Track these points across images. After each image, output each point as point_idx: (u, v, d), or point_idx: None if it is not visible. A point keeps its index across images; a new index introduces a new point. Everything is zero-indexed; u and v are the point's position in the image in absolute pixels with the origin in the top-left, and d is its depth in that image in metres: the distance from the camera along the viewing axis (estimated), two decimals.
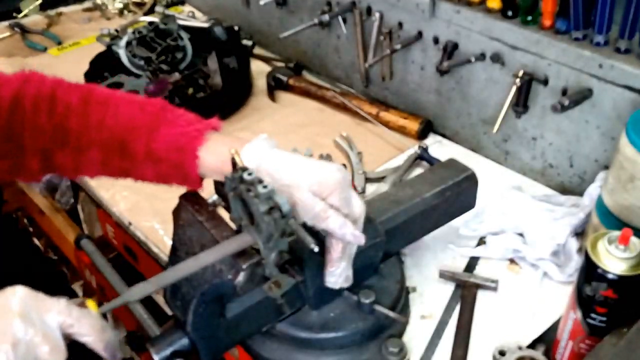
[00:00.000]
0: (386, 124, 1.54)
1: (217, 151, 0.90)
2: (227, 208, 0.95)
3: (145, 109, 0.95)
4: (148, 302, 1.31)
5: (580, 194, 1.21)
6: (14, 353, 0.66)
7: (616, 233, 0.84)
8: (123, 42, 1.65)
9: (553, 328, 1.03)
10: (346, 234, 0.86)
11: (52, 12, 2.17)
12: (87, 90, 0.97)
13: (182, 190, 1.05)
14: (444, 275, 1.13)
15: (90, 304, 0.77)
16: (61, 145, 0.95)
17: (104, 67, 1.70)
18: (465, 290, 1.11)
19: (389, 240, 1.02)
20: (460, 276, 1.13)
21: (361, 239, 0.88)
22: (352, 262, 0.92)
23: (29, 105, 0.94)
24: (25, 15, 2.20)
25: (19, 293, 0.70)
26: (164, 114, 0.94)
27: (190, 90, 1.63)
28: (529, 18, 1.24)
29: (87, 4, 2.25)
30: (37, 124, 0.94)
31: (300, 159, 0.88)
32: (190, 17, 2.09)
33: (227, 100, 1.64)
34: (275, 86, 1.73)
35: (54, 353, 0.69)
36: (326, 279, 0.93)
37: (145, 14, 2.15)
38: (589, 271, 0.85)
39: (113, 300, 0.81)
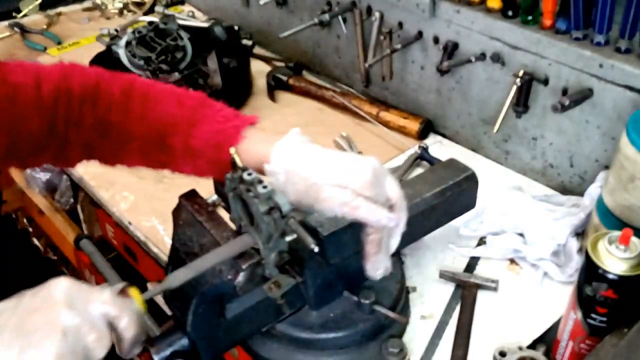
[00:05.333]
0: (386, 124, 1.54)
1: (252, 150, 0.91)
2: (227, 208, 0.94)
3: (185, 103, 0.95)
4: (148, 302, 1.31)
5: (581, 194, 1.21)
6: (65, 342, 0.67)
7: (617, 233, 0.84)
8: (123, 42, 1.65)
9: (553, 328, 1.02)
10: (381, 219, 0.85)
11: (51, 12, 2.17)
12: (129, 82, 0.97)
13: (182, 190, 1.05)
14: (444, 276, 1.13)
15: (133, 292, 0.78)
16: (102, 138, 0.96)
17: (103, 66, 1.69)
18: (465, 291, 1.11)
19: None
20: (461, 276, 1.13)
21: (398, 220, 0.87)
22: (389, 253, 0.92)
23: (75, 101, 0.94)
24: (25, 15, 2.20)
25: (62, 284, 0.71)
26: (203, 110, 0.95)
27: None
28: (529, 18, 1.24)
29: (86, 4, 2.24)
30: (81, 120, 0.94)
31: (330, 157, 0.87)
32: (190, 16, 2.09)
33: (227, 100, 1.62)
34: (275, 86, 1.73)
35: (101, 341, 0.70)
36: (367, 271, 0.92)
37: (145, 14, 2.15)
38: (590, 271, 0.85)
39: (155, 288, 0.83)
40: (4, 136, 0.90)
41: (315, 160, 0.87)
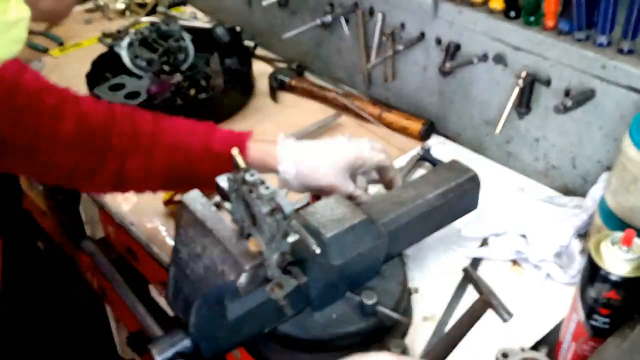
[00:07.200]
0: (388, 125, 1.54)
1: (260, 148, 1.09)
2: (229, 209, 0.94)
3: (198, 124, 1.12)
4: (150, 303, 1.31)
5: (583, 195, 1.21)
6: None
7: (619, 234, 0.84)
8: (125, 43, 1.65)
9: (556, 330, 1.02)
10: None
11: None
12: (154, 113, 1.11)
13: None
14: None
15: None
16: (135, 148, 1.05)
17: (105, 68, 1.70)
18: (478, 303, 1.09)
19: (392, 241, 1.01)
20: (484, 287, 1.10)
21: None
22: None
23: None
24: None
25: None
26: (214, 125, 1.13)
27: (192, 91, 1.63)
28: (532, 19, 1.23)
29: (88, 5, 2.24)
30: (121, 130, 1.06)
31: (326, 146, 1.10)
32: (192, 18, 2.09)
33: (229, 101, 1.64)
34: (277, 87, 1.73)
35: None
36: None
37: (147, 15, 2.15)
38: (592, 272, 0.84)
39: None
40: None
41: (319, 156, 1.08)
